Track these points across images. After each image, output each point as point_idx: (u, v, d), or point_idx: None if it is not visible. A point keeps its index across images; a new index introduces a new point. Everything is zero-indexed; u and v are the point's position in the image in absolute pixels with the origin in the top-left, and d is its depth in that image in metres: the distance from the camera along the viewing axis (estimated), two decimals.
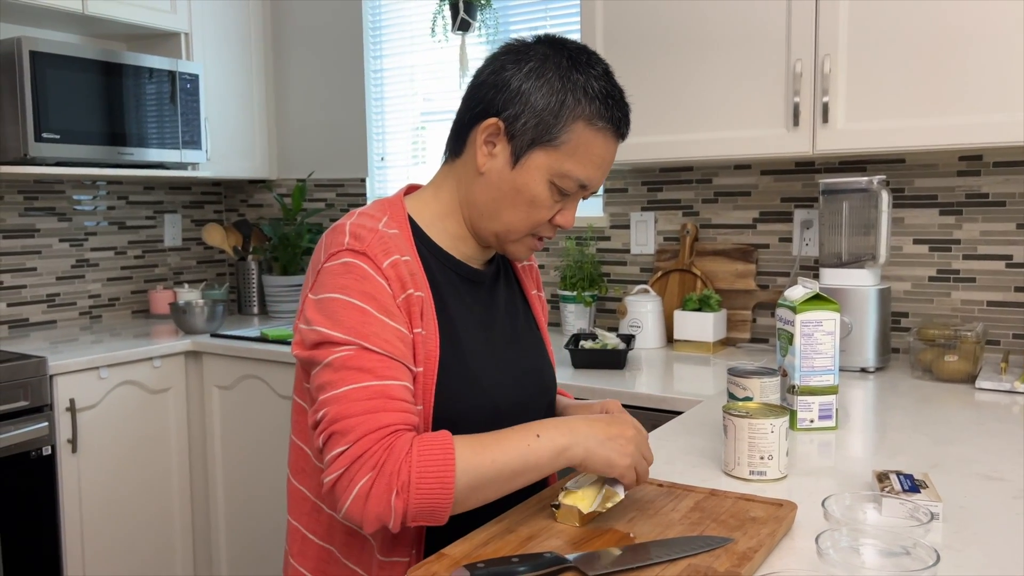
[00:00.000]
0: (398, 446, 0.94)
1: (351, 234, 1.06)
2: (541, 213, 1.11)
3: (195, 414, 2.76)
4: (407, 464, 0.93)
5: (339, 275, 1.03)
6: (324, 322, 1.01)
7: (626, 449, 1.02)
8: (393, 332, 1.01)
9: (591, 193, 1.14)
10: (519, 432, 1.00)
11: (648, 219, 2.59)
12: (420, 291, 1.07)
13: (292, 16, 3.31)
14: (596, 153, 1.09)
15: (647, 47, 2.17)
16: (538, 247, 1.18)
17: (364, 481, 0.93)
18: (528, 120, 1.07)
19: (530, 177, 1.08)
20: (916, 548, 0.85)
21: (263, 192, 3.48)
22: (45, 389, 2.31)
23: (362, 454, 0.94)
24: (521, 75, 1.08)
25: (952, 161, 2.12)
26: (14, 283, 2.87)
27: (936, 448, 1.38)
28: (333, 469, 0.95)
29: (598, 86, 1.08)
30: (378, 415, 0.96)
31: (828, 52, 1.92)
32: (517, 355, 1.21)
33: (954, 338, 1.86)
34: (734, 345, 2.41)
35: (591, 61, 1.10)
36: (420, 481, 0.92)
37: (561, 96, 1.06)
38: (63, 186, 3.00)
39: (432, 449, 0.94)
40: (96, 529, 2.47)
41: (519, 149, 1.08)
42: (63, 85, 2.52)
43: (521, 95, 1.07)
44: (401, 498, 0.92)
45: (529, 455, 0.98)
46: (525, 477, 0.99)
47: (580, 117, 1.07)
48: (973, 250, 2.11)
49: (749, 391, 1.43)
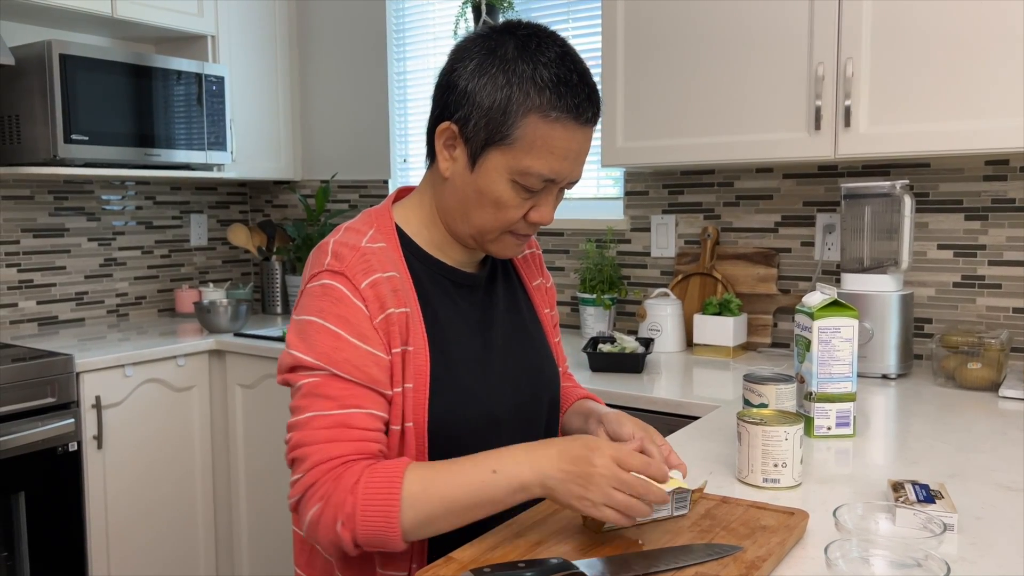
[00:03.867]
0: (346, 477, 0.96)
1: (332, 253, 1.06)
2: (510, 213, 1.07)
3: (218, 412, 2.79)
4: (352, 496, 0.94)
5: (317, 297, 1.04)
6: (299, 345, 1.03)
7: (588, 490, 0.92)
8: (366, 357, 1.02)
9: (569, 184, 1.09)
10: (477, 465, 0.96)
11: (669, 222, 2.58)
12: (405, 307, 1.06)
13: (316, 18, 3.34)
14: (557, 145, 1.02)
15: (668, 49, 2.16)
16: (523, 243, 1.13)
17: (314, 510, 0.97)
18: (478, 121, 1.03)
19: (490, 179, 1.05)
20: (927, 560, 0.84)
21: (287, 193, 3.51)
22: (72, 386, 2.36)
23: (312, 483, 0.97)
24: (467, 74, 1.04)
25: (978, 165, 2.09)
26: (44, 281, 2.93)
27: (956, 457, 1.36)
28: (292, 494, 1.00)
29: (548, 74, 1.01)
30: (333, 445, 0.98)
31: (851, 55, 1.90)
32: (517, 355, 1.19)
33: (978, 345, 1.83)
34: (755, 350, 2.39)
35: (541, 46, 1.02)
36: (364, 513, 0.94)
37: (506, 91, 1.01)
38: (92, 186, 3.06)
39: (379, 482, 0.95)
40: (121, 524, 2.51)
41: (474, 151, 1.05)
42: (92, 87, 2.56)
43: (468, 96, 1.03)
44: (347, 528, 0.95)
45: (483, 491, 0.95)
46: (481, 511, 0.96)
47: (531, 110, 1.01)
48: (999, 256, 2.07)
49: (764, 397, 1.42)
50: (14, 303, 2.85)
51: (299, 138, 3.42)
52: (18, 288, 2.86)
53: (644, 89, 2.20)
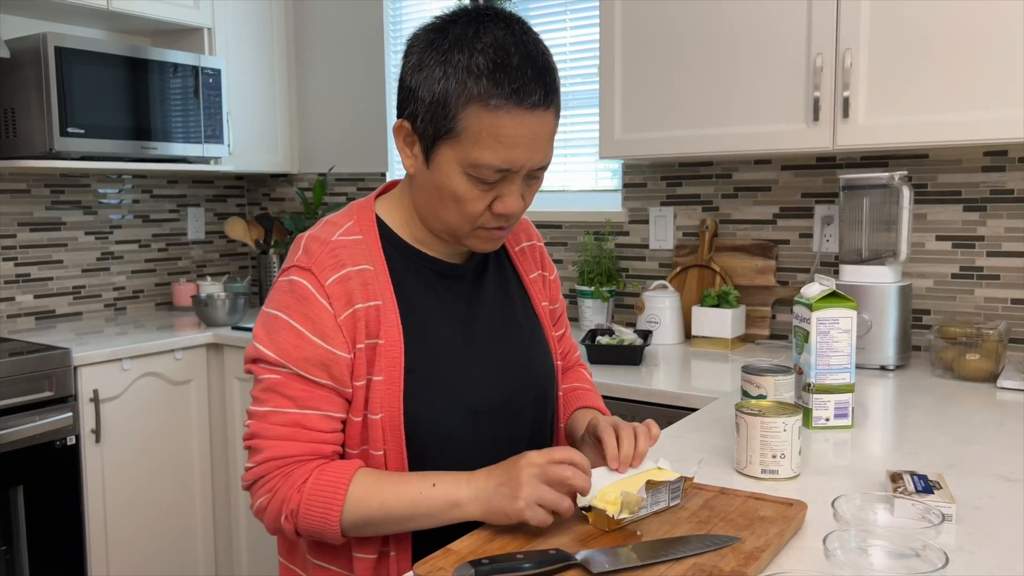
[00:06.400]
0: (295, 475, 1.03)
1: (303, 248, 1.09)
2: (473, 206, 1.04)
3: (216, 406, 2.79)
4: (298, 494, 1.01)
5: (284, 293, 1.07)
6: (263, 339, 1.06)
7: (515, 492, 0.94)
8: (326, 356, 1.04)
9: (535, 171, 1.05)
10: (419, 478, 1.01)
11: (667, 214, 2.57)
12: (376, 300, 1.07)
13: (314, 11, 3.33)
14: (504, 134, 0.98)
15: (666, 40, 2.15)
16: (497, 236, 1.10)
17: (261, 500, 1.04)
18: (424, 116, 1.01)
19: (443, 174, 1.03)
20: (926, 550, 0.84)
21: (284, 186, 3.51)
22: (69, 380, 2.35)
23: (263, 475, 1.04)
24: (410, 69, 1.03)
25: (976, 156, 2.08)
26: (41, 275, 2.92)
27: (954, 448, 1.36)
28: (245, 479, 1.07)
29: (484, 60, 0.97)
30: (287, 443, 1.04)
31: (849, 46, 1.89)
32: (503, 348, 1.17)
33: (976, 336, 1.83)
34: (753, 342, 2.39)
35: (480, 31, 0.99)
36: (306, 511, 1.01)
37: (444, 84, 0.99)
38: (88, 180, 3.05)
39: (326, 484, 1.01)
40: (119, 518, 2.51)
41: (426, 148, 1.04)
42: (88, 80, 2.55)
43: (412, 92, 1.02)
44: (289, 522, 1.02)
45: (419, 502, 0.99)
46: (416, 522, 1.01)
47: (471, 100, 0.98)
48: (997, 247, 2.07)
49: (763, 389, 1.42)
50: (11, 297, 2.84)
51: (296, 131, 3.41)
52: (15, 282, 2.85)
53: (642, 80, 2.19)
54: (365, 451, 1.07)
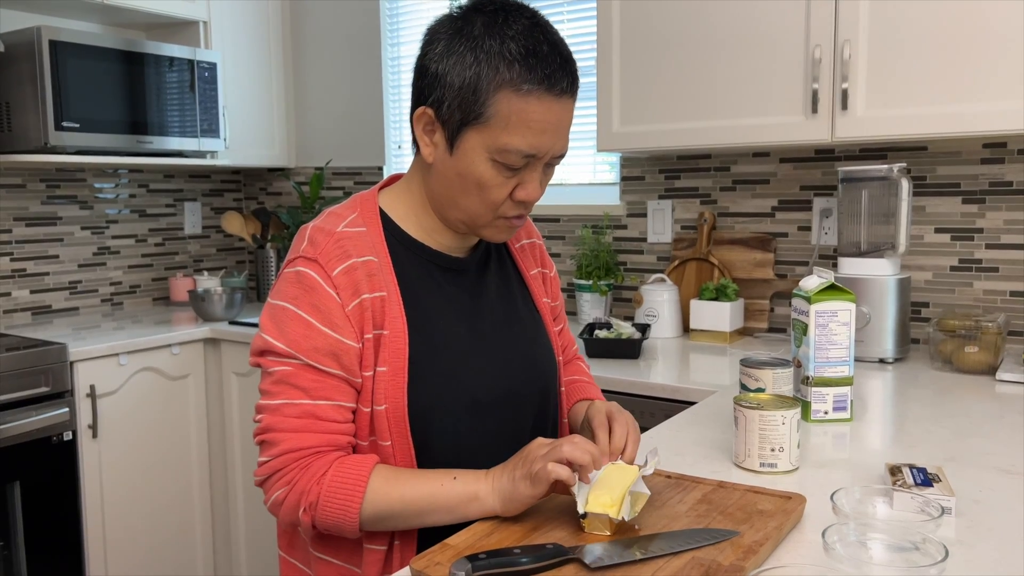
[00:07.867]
0: (315, 467, 1.02)
1: (308, 239, 1.08)
2: (495, 193, 1.06)
3: (213, 401, 2.78)
4: (318, 486, 1.01)
5: (291, 283, 1.06)
6: (272, 331, 1.05)
7: (532, 459, 0.96)
8: (336, 345, 1.04)
9: (554, 159, 1.07)
10: (439, 473, 1.02)
11: (665, 207, 2.56)
12: (381, 291, 1.06)
13: (310, 4, 3.31)
14: (534, 119, 1.01)
15: (664, 32, 2.14)
16: (515, 225, 1.12)
17: (279, 493, 1.03)
18: (451, 102, 1.02)
19: (469, 160, 1.04)
20: (925, 543, 0.84)
21: (281, 180, 3.49)
22: (66, 375, 2.34)
23: (280, 468, 1.03)
24: (436, 56, 1.03)
25: (976, 148, 2.07)
26: (37, 270, 2.91)
27: (953, 441, 1.36)
28: (259, 473, 1.05)
29: (516, 47, 0.99)
30: (303, 435, 1.03)
31: (848, 37, 1.88)
32: (507, 342, 1.18)
33: (975, 329, 1.83)
34: (751, 335, 2.39)
35: (508, 20, 1.01)
36: (326, 503, 1.00)
37: (475, 69, 1.00)
38: (84, 174, 3.03)
39: (346, 476, 1.00)
40: (117, 513, 2.50)
41: (451, 134, 1.04)
42: (83, 74, 2.53)
43: (439, 78, 1.03)
44: (308, 514, 1.01)
45: (439, 495, 0.99)
46: (435, 516, 1.00)
47: (503, 86, 1.00)
48: (996, 239, 2.07)
49: (761, 382, 1.41)
50: (7, 292, 2.83)
51: (293, 125, 3.40)
52: (11, 277, 2.84)
53: (640, 73, 2.18)
54: (374, 442, 1.07)
